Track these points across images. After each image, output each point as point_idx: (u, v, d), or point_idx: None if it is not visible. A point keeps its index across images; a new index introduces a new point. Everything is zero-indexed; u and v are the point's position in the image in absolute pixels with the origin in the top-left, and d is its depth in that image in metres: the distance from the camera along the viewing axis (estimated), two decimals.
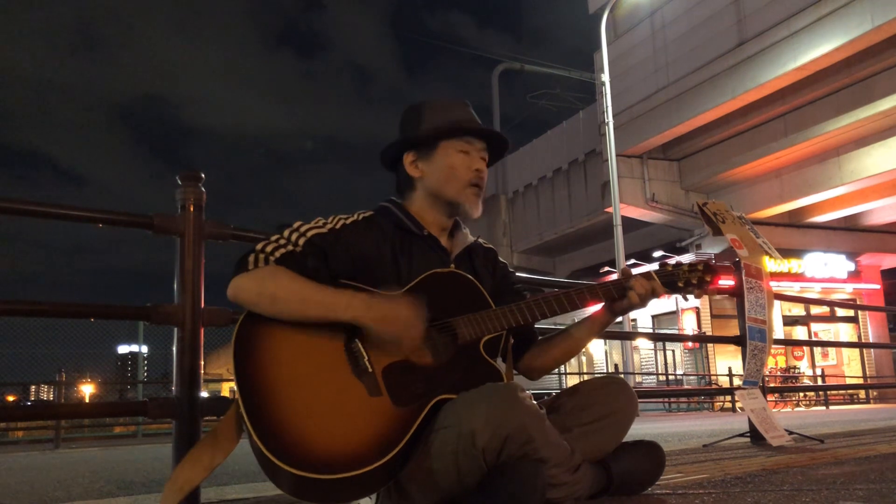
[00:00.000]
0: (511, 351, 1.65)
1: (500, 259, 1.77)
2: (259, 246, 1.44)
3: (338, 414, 1.29)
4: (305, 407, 1.29)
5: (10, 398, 13.31)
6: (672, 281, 1.63)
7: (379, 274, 1.48)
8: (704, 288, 1.65)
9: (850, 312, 19.20)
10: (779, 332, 16.95)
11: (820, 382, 17.37)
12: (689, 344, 17.65)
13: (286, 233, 1.46)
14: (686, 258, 17.25)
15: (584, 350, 1.91)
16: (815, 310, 19.13)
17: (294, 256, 1.42)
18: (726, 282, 3.42)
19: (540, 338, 1.74)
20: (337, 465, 1.22)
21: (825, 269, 18.25)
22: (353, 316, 1.37)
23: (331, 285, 1.42)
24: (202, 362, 1.93)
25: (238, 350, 1.33)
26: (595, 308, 1.67)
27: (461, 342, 1.47)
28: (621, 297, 1.60)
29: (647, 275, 1.61)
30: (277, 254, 1.42)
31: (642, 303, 1.59)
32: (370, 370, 1.36)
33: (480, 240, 1.74)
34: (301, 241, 1.44)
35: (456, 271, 1.58)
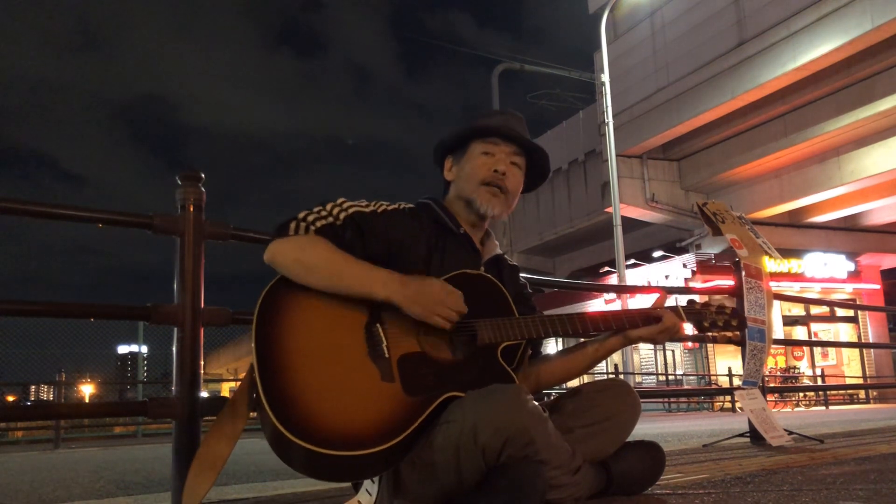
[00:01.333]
0: (527, 362, 1.65)
1: (522, 277, 1.79)
2: (301, 215, 1.47)
3: (349, 393, 1.31)
4: (320, 383, 1.30)
5: (10, 398, 13.32)
6: (697, 319, 1.65)
7: (411, 263, 1.50)
8: (730, 331, 1.66)
9: (850, 312, 19.20)
10: (779, 332, 16.95)
11: (820, 382, 17.37)
12: (689, 344, 17.64)
13: (328, 206, 1.50)
14: (687, 259, 17.26)
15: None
16: (815, 310, 19.12)
17: (333, 229, 1.46)
18: (726, 282, 3.42)
19: (546, 354, 1.75)
20: (345, 442, 1.24)
21: (825, 269, 18.25)
22: (388, 294, 1.40)
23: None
24: (202, 362, 1.93)
25: (261, 315, 1.35)
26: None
27: (480, 344, 1.47)
28: (645, 325, 1.60)
29: (674, 309, 1.62)
30: (318, 224, 1.45)
31: (664, 336, 1.59)
32: (387, 356, 1.38)
33: (506, 255, 1.77)
34: (342, 216, 1.48)
35: (485, 274, 1.59)
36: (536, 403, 1.35)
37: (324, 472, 1.29)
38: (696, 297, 1.70)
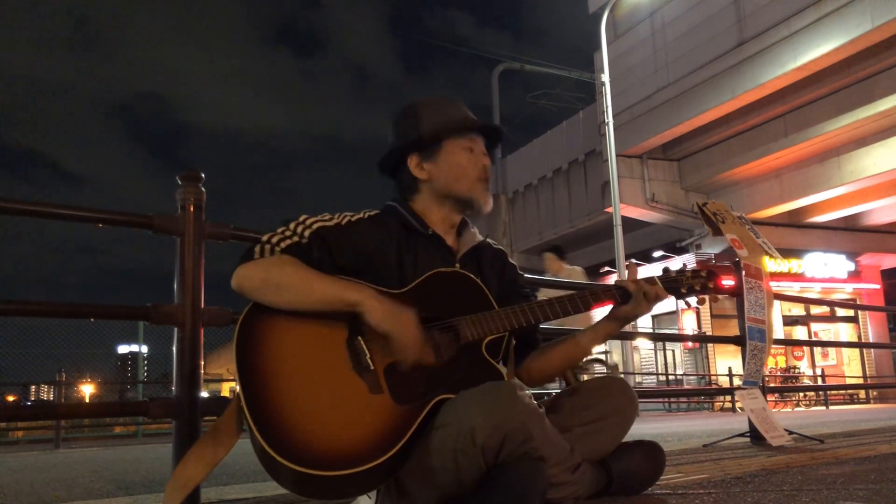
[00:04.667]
0: (513, 353, 1.65)
1: (510, 261, 1.77)
2: (265, 237, 1.46)
3: (339, 410, 1.30)
4: (307, 403, 1.29)
5: (10, 398, 13.31)
6: (675, 287, 1.65)
7: (383, 271, 1.49)
8: (708, 293, 1.66)
9: (850, 312, 19.19)
10: (779, 332, 16.93)
11: (820, 382, 17.36)
12: (689, 344, 17.64)
13: (292, 225, 1.48)
14: (688, 259, 17.27)
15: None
16: (815, 310, 19.11)
17: (299, 247, 1.44)
18: (728, 282, 3.43)
19: (543, 344, 1.74)
20: (338, 461, 1.23)
21: (825, 269, 18.24)
22: (360, 298, 1.37)
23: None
24: (202, 362, 1.93)
25: (240, 343, 1.34)
26: (600, 312, 1.67)
27: (463, 342, 1.47)
28: (625, 301, 1.60)
29: (650, 279, 1.62)
30: (283, 244, 1.44)
31: (647, 306, 1.59)
32: (372, 368, 1.37)
33: (490, 240, 1.74)
34: (307, 234, 1.46)
35: (459, 271, 1.58)
36: (533, 400, 1.36)
37: (315, 492, 1.28)
38: (671, 266, 1.70)
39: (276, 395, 1.28)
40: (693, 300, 1.67)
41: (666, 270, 1.67)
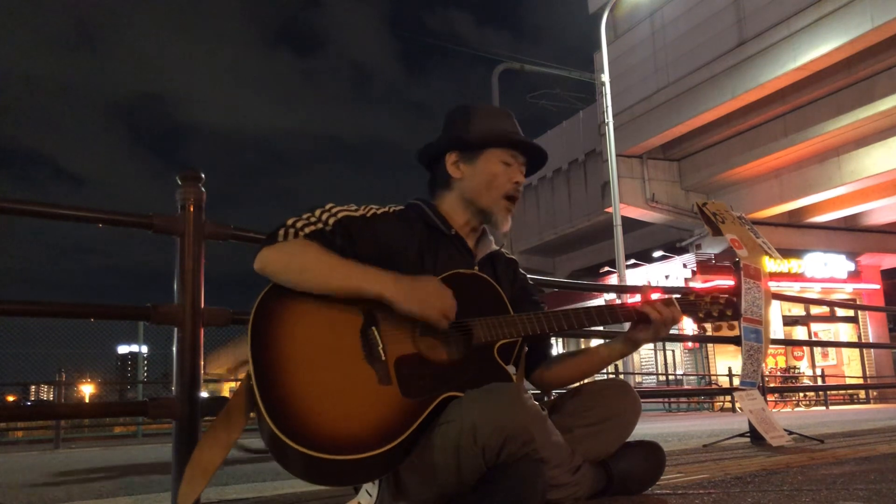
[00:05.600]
0: (524, 360, 1.65)
1: (521, 271, 1.77)
2: (290, 221, 1.47)
3: (347, 397, 1.31)
4: (316, 388, 1.30)
5: (10, 398, 13.32)
6: (693, 310, 1.64)
7: (403, 266, 1.49)
8: (724, 321, 1.66)
9: (850, 312, 19.19)
10: (778, 332, 16.94)
11: (820, 382, 17.36)
12: (689, 344, 17.63)
13: (317, 212, 1.49)
14: (687, 259, 17.27)
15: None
16: (815, 310, 19.11)
17: (323, 234, 1.45)
18: (726, 282, 3.43)
19: (556, 354, 1.74)
20: (343, 447, 1.24)
21: (825, 269, 18.24)
22: (381, 290, 1.39)
23: None
24: (202, 362, 1.93)
25: (256, 324, 1.35)
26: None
27: (475, 343, 1.47)
28: (641, 321, 1.59)
29: (667, 301, 1.61)
30: (307, 230, 1.45)
31: (664, 329, 1.58)
32: (383, 359, 1.38)
33: (503, 250, 1.76)
34: (331, 221, 1.47)
35: (478, 274, 1.59)
36: (535, 402, 1.36)
37: (321, 477, 1.29)
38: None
39: (288, 378, 1.30)
40: (707, 325, 1.67)
41: (685, 293, 1.67)
